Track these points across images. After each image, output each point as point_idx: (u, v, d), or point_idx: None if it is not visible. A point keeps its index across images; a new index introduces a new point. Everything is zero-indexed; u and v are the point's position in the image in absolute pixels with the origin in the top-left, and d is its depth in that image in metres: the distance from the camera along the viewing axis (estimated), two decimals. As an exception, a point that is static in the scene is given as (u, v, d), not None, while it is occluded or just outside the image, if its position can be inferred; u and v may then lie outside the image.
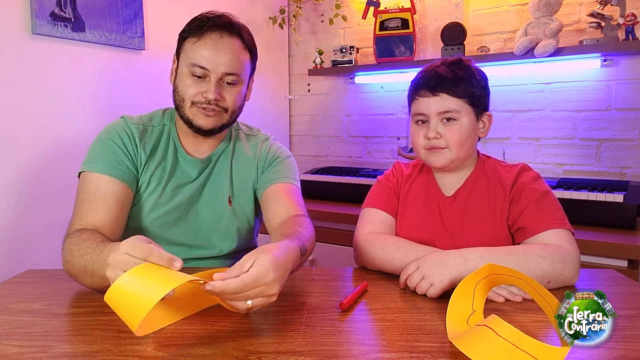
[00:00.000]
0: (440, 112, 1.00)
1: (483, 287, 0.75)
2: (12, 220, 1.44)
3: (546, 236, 0.94)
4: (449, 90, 1.00)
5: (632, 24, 1.66)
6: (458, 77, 1.00)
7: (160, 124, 1.11)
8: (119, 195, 1.00)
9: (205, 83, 1.01)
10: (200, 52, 1.00)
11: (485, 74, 1.06)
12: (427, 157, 1.04)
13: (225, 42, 1.01)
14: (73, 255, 0.85)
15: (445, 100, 1.00)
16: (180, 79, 1.04)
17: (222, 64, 1.00)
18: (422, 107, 1.02)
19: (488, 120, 1.06)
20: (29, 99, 1.47)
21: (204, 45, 1.00)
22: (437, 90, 1.00)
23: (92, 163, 1.02)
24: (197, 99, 1.02)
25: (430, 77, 1.02)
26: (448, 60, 1.05)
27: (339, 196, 2.08)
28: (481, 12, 2.09)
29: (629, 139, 1.83)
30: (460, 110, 1.00)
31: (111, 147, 1.03)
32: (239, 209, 1.13)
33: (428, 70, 1.04)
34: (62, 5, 1.52)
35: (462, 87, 1.00)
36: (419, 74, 1.06)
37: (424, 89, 1.02)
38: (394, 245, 0.98)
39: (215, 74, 1.00)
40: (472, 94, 1.01)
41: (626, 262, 1.43)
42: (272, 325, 0.74)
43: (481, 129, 1.06)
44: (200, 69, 1.00)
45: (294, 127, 2.70)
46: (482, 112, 1.04)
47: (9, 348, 0.66)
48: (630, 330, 0.72)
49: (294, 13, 2.48)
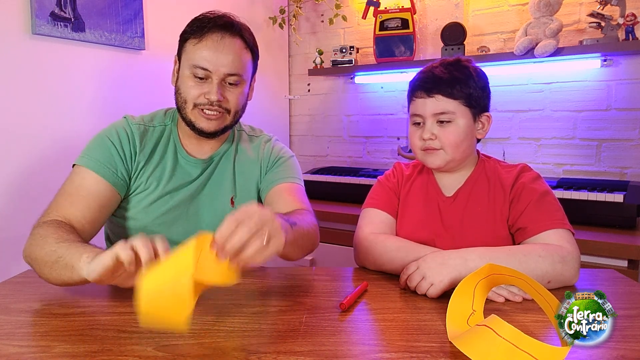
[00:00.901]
0: (436, 114, 1.00)
1: (483, 287, 0.75)
2: (12, 220, 1.44)
3: (546, 236, 0.94)
4: (444, 92, 0.99)
5: (632, 24, 1.66)
6: (454, 79, 1.00)
7: (162, 124, 1.11)
8: (101, 197, 0.99)
9: (207, 84, 1.01)
10: (202, 53, 1.00)
11: (485, 74, 1.06)
12: (423, 158, 1.05)
13: (226, 42, 1.01)
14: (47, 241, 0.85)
15: (440, 102, 1.00)
16: (182, 80, 1.03)
17: (224, 64, 1.00)
18: (418, 108, 1.03)
19: (487, 121, 1.06)
20: (29, 99, 1.47)
21: (205, 46, 1.00)
22: (432, 91, 1.00)
23: (85, 158, 1.02)
24: (199, 101, 1.02)
25: (427, 79, 1.02)
26: (447, 60, 1.05)
27: (339, 196, 2.08)
28: (481, 12, 2.09)
29: (629, 139, 1.83)
30: (455, 111, 1.00)
31: (107, 146, 1.03)
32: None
33: (425, 71, 1.04)
34: (62, 5, 1.52)
35: (459, 89, 0.99)
36: (417, 74, 1.06)
37: (420, 90, 1.02)
38: (394, 245, 0.98)
39: (217, 75, 1.00)
40: (469, 95, 1.00)
41: (626, 262, 1.43)
42: (272, 325, 0.74)
43: (479, 130, 1.05)
44: (202, 70, 1.00)
45: (294, 127, 2.70)
46: (480, 113, 1.04)
47: (9, 348, 0.66)
48: (630, 330, 0.72)
49: (294, 13, 2.48)
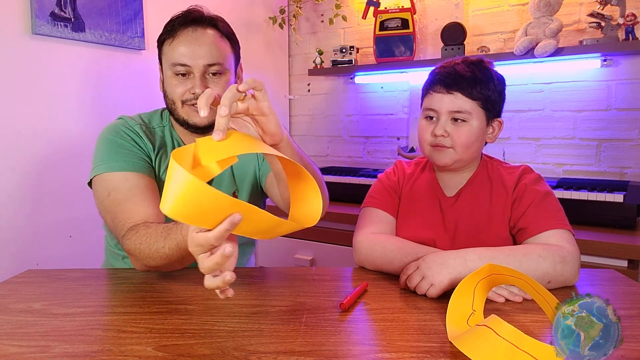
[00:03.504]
0: (452, 111, 0.99)
1: (483, 287, 0.75)
2: (12, 220, 1.44)
3: (547, 236, 0.94)
4: (464, 90, 0.98)
5: (632, 24, 1.66)
6: (476, 79, 0.98)
7: (160, 125, 1.12)
8: (151, 187, 0.99)
9: (190, 80, 1.02)
10: (179, 50, 1.01)
11: (504, 79, 1.03)
12: (431, 154, 1.03)
13: (199, 34, 1.01)
14: (150, 245, 0.84)
15: (458, 100, 0.98)
16: (167, 82, 1.04)
17: (202, 56, 1.00)
18: (434, 102, 1.00)
19: (498, 127, 1.05)
20: (29, 99, 1.47)
21: (180, 42, 1.01)
22: (452, 88, 0.98)
23: (107, 164, 0.99)
24: (185, 97, 1.02)
25: (448, 74, 0.99)
26: (469, 59, 1.02)
27: (339, 196, 2.08)
28: (481, 12, 2.09)
29: (629, 139, 1.83)
30: (472, 112, 0.98)
31: (122, 145, 1.02)
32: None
33: (446, 66, 1.01)
34: (62, 5, 1.52)
35: (478, 90, 0.98)
36: (437, 68, 1.03)
37: (440, 85, 1.00)
38: (394, 245, 0.98)
39: (197, 69, 1.01)
40: (487, 97, 0.99)
41: (626, 262, 1.43)
42: (272, 325, 0.74)
43: (490, 134, 1.04)
44: (181, 66, 1.01)
45: (294, 127, 2.70)
46: (493, 117, 1.03)
47: (9, 348, 0.66)
48: (630, 330, 0.72)
49: (294, 13, 2.48)
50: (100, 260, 1.23)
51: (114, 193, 0.96)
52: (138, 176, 0.98)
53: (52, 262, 1.51)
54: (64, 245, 1.57)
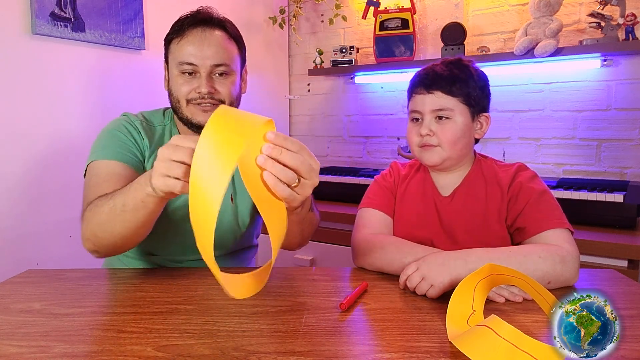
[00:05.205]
0: (434, 110, 1.01)
1: (483, 287, 0.75)
2: (12, 220, 1.44)
3: (546, 236, 0.94)
4: (443, 89, 1.01)
5: (632, 24, 1.66)
6: (454, 76, 1.01)
7: (161, 124, 1.12)
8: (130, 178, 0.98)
9: (196, 79, 1.02)
10: (186, 49, 1.01)
11: (485, 75, 1.06)
12: (420, 154, 1.05)
13: (207, 35, 1.02)
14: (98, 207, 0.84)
15: (439, 98, 1.01)
16: (173, 80, 1.05)
17: (209, 56, 1.01)
18: (417, 104, 1.04)
19: (485, 122, 1.06)
20: (29, 99, 1.47)
21: (188, 42, 1.02)
22: (432, 88, 1.01)
23: (101, 151, 1.00)
24: (191, 96, 1.03)
25: (427, 75, 1.03)
26: (448, 59, 1.06)
27: (339, 196, 2.08)
28: (481, 12, 2.09)
29: (629, 139, 1.83)
30: (454, 109, 1.01)
31: (119, 137, 1.03)
32: (241, 206, 1.14)
33: (426, 68, 1.06)
34: (62, 5, 1.52)
35: (458, 87, 1.00)
36: (418, 72, 1.07)
37: (420, 86, 1.03)
38: (393, 246, 0.98)
39: (204, 68, 1.01)
40: (468, 94, 1.01)
41: (626, 262, 1.43)
42: (272, 325, 0.74)
43: (477, 130, 1.06)
44: (188, 65, 1.01)
45: (294, 127, 2.70)
46: (478, 113, 1.04)
47: (9, 348, 0.66)
48: (630, 330, 0.71)
49: (294, 13, 2.48)
50: (100, 260, 1.23)
51: (94, 178, 0.98)
52: (121, 166, 0.99)
53: (52, 262, 1.51)
54: (64, 245, 1.56)
